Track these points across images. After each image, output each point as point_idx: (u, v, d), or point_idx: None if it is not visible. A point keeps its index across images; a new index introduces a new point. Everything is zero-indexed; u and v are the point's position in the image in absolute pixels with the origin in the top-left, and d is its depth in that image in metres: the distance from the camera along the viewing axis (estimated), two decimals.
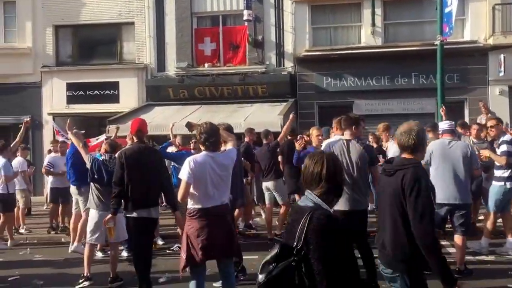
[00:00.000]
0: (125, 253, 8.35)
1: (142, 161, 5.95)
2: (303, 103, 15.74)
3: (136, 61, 16.91)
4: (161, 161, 6.47)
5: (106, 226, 6.20)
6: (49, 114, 16.93)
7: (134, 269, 6.13)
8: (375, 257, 4.82)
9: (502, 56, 14.46)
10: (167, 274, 7.08)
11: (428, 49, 13.50)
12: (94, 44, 17.43)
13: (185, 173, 4.78)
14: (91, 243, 7.11)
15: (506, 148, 7.38)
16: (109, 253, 7.31)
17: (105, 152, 7.21)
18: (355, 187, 5.76)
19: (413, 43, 15.03)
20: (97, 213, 7.01)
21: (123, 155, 5.98)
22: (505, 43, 14.52)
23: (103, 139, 11.55)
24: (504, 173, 7.50)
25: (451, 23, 11.11)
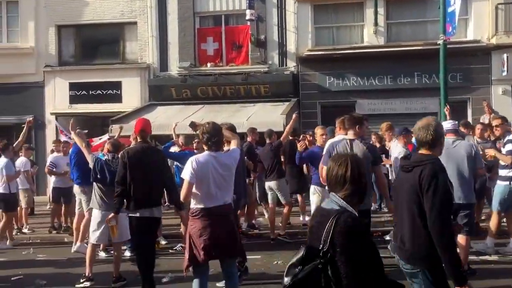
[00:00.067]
0: (128, 253, 8.35)
1: (144, 161, 5.96)
2: (305, 102, 15.72)
3: (138, 60, 16.91)
4: (164, 161, 6.48)
5: (108, 224, 6.23)
6: (52, 114, 16.92)
7: (137, 268, 6.13)
8: (387, 256, 4.75)
9: (505, 55, 14.42)
10: (170, 274, 7.06)
11: (431, 49, 13.44)
12: (96, 44, 17.44)
13: (187, 173, 4.78)
14: (93, 243, 7.11)
15: (511, 147, 7.35)
16: (112, 253, 7.32)
17: (108, 151, 7.20)
18: None
19: (416, 42, 15.02)
20: (99, 213, 7.01)
21: (125, 154, 6.01)
22: (508, 43, 14.48)
23: (105, 139, 11.54)
24: (509, 172, 7.45)
25: (454, 22, 11.07)
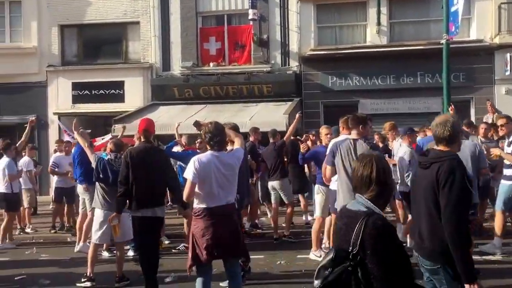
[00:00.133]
0: (131, 253, 8.35)
1: (147, 161, 5.96)
2: (308, 102, 15.71)
3: (141, 60, 16.94)
4: (166, 160, 6.47)
5: (110, 224, 6.24)
6: (55, 113, 16.97)
7: (140, 268, 6.13)
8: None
9: (508, 55, 14.39)
10: (173, 273, 7.05)
11: (433, 48, 13.40)
12: (99, 43, 17.47)
13: (190, 173, 4.77)
14: (96, 243, 7.10)
15: None
16: (115, 253, 7.32)
17: (111, 151, 7.19)
18: None
19: (419, 42, 14.99)
20: (102, 213, 7.00)
21: (128, 154, 6.01)
22: (511, 42, 14.45)
23: (108, 138, 11.56)
24: None
25: (457, 22, 11.03)
